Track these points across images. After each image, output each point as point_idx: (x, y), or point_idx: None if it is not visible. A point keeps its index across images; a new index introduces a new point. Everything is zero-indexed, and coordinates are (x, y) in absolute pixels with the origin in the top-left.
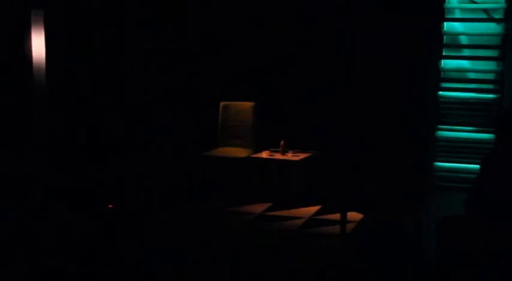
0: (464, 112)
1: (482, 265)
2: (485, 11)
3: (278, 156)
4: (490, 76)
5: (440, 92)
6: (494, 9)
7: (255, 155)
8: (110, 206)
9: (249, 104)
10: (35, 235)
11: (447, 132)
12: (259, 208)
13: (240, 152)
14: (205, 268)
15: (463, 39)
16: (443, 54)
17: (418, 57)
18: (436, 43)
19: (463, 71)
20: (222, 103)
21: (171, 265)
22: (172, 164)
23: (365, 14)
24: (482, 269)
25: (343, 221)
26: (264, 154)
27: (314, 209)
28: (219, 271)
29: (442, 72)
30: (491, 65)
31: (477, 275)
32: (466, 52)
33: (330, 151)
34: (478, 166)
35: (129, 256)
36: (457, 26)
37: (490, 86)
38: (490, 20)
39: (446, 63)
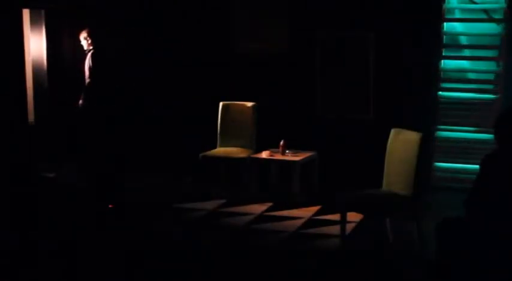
0: (464, 112)
1: (482, 265)
2: (485, 11)
3: (278, 156)
4: (490, 76)
5: (440, 92)
6: (494, 10)
7: (255, 155)
8: (110, 206)
9: (249, 104)
10: (34, 235)
11: (447, 133)
12: (259, 208)
13: (240, 152)
14: (205, 268)
15: (463, 39)
16: (443, 54)
17: (418, 57)
18: (436, 43)
19: (463, 71)
20: (222, 103)
21: (171, 265)
22: (172, 164)
23: (365, 14)
24: (482, 269)
25: (343, 221)
26: (264, 154)
27: (314, 209)
28: (219, 271)
29: (442, 72)
30: (491, 65)
31: (477, 276)
32: (466, 52)
33: (330, 151)
34: (478, 166)
35: (128, 255)
36: (457, 26)
37: (490, 86)
38: (490, 20)
39: (446, 63)
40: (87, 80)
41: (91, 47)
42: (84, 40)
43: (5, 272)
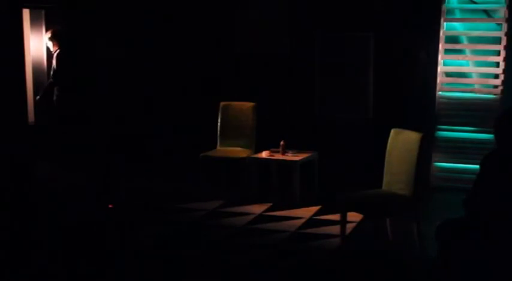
0: (464, 112)
1: (482, 265)
2: (485, 11)
3: (278, 156)
4: (490, 76)
5: (440, 92)
6: (494, 10)
7: (255, 155)
8: (110, 206)
9: (249, 104)
10: (35, 234)
11: (447, 133)
12: (259, 208)
13: (240, 152)
14: (205, 268)
15: (463, 39)
16: (444, 54)
17: (418, 57)
18: (436, 43)
19: (463, 71)
20: (222, 103)
21: (171, 265)
22: (172, 164)
23: (365, 14)
24: (482, 269)
25: (343, 221)
26: (264, 154)
27: (314, 209)
28: (219, 271)
29: (442, 73)
30: (491, 65)
31: (478, 276)
32: (466, 52)
33: (330, 151)
34: (478, 166)
35: (129, 255)
36: (457, 26)
37: (490, 86)
38: (490, 20)
39: (446, 63)
40: (50, 80)
41: (56, 48)
42: (49, 41)
43: (5, 273)
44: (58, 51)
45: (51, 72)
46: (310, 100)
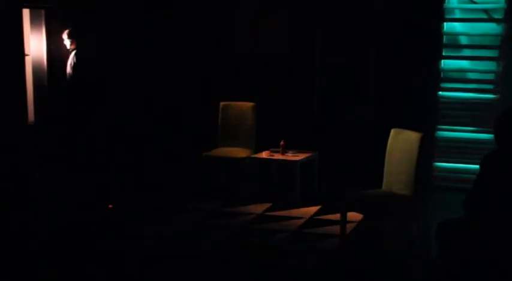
0: (464, 112)
1: (482, 265)
2: (485, 11)
3: (278, 156)
4: (490, 76)
5: (440, 92)
6: (494, 10)
7: (255, 155)
8: (110, 206)
9: (249, 104)
10: (35, 234)
11: (447, 133)
12: (259, 208)
13: (240, 152)
14: (205, 268)
15: (463, 39)
16: (443, 54)
17: (418, 57)
18: (436, 43)
19: (463, 71)
20: (222, 103)
21: (171, 265)
22: (172, 164)
23: (365, 14)
24: (482, 269)
25: (343, 221)
26: (264, 154)
27: (314, 209)
28: (219, 270)
29: (442, 72)
30: (491, 65)
31: (478, 276)
32: (466, 52)
33: (330, 151)
34: (478, 166)
35: (129, 255)
36: (457, 26)
37: (490, 86)
38: (490, 20)
39: (446, 63)
40: (70, 73)
41: (74, 46)
42: (67, 40)
43: (5, 273)
44: (76, 50)
45: (71, 70)
46: (310, 100)
